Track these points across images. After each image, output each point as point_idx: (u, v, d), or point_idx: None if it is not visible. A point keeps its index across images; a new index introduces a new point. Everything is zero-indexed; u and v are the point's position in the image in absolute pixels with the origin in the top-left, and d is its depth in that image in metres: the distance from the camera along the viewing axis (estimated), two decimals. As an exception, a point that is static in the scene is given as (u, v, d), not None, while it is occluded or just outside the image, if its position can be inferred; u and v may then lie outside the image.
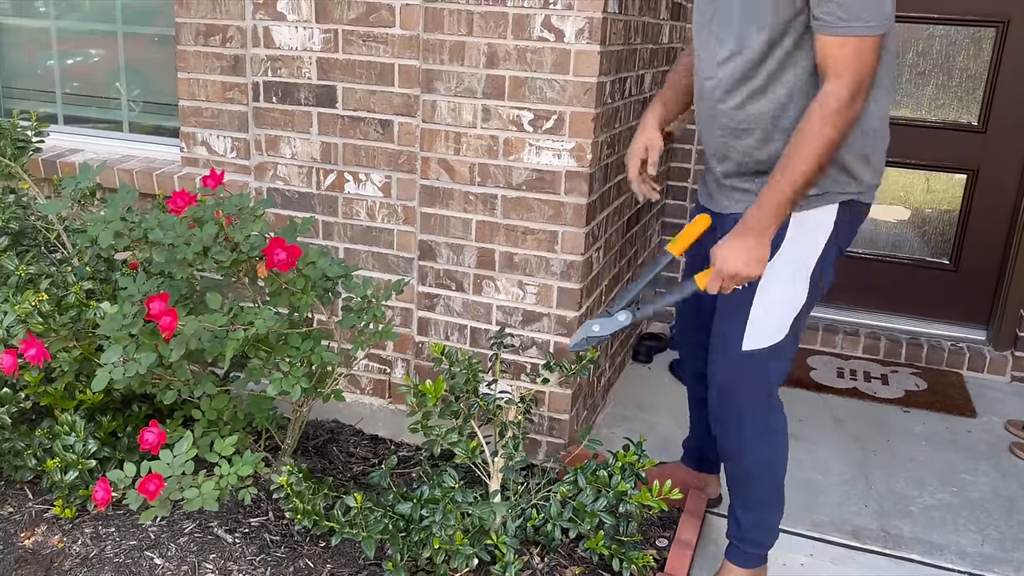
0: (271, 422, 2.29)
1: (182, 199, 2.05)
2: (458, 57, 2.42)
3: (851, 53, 1.62)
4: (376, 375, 2.79)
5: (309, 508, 1.93)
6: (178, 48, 2.76)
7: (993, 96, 3.34)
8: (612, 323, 1.89)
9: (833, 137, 1.65)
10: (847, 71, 1.63)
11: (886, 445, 2.85)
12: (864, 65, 1.63)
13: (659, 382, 3.25)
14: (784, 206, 1.71)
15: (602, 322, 1.90)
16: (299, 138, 2.66)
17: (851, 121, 1.66)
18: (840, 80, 1.64)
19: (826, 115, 1.64)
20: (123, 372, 1.84)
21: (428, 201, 2.56)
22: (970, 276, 3.52)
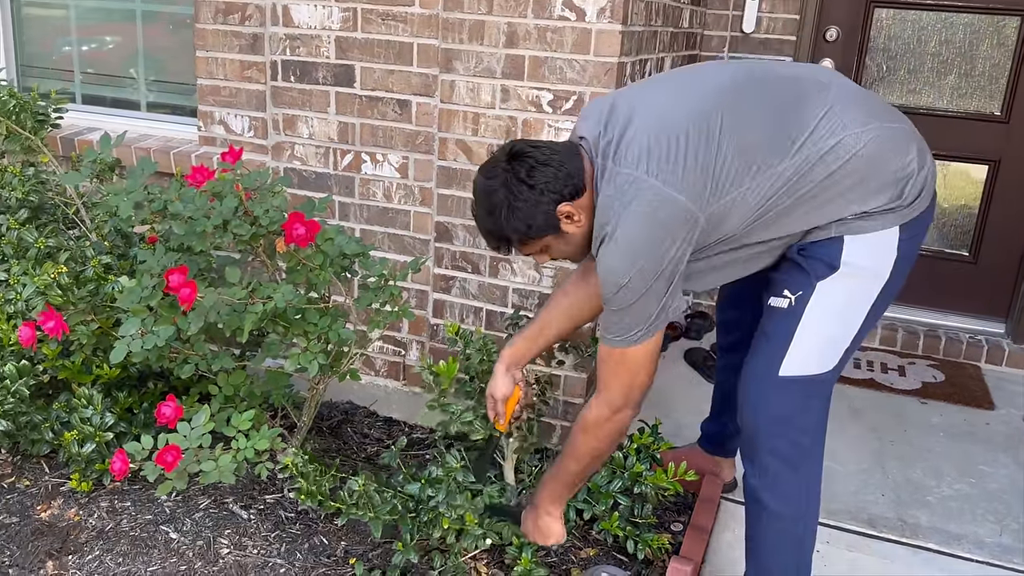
0: (287, 399, 2.29)
1: (201, 174, 2.04)
2: (477, 36, 2.41)
3: (613, 364, 1.71)
4: (391, 357, 2.78)
5: (314, 489, 1.92)
6: (197, 26, 2.76)
7: (1017, 86, 3.30)
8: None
9: (597, 447, 1.79)
10: (609, 384, 1.73)
11: (903, 436, 2.83)
12: (627, 379, 1.70)
13: (674, 370, 3.24)
14: (568, 487, 1.89)
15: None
16: (317, 118, 2.65)
17: (614, 432, 1.76)
18: (601, 394, 1.74)
19: (589, 429, 1.77)
20: (141, 345, 1.84)
21: (445, 182, 2.55)
22: (990, 268, 3.48)
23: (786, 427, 1.82)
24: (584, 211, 1.69)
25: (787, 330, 1.75)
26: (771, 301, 1.79)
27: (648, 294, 1.63)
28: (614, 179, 1.64)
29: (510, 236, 1.71)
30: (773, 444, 1.83)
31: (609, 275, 1.64)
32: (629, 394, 1.73)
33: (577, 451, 1.82)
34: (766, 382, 1.79)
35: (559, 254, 1.78)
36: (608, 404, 1.73)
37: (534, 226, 1.67)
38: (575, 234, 1.71)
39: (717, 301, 2.32)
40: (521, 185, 1.64)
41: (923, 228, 1.76)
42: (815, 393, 1.80)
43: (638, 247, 1.61)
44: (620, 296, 1.63)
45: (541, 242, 1.72)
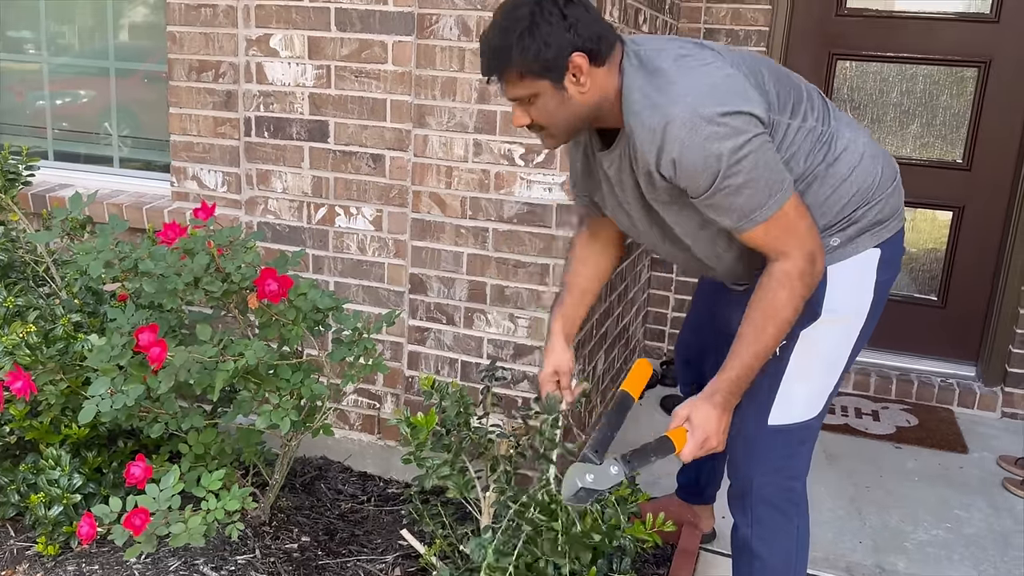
0: (259, 457, 2.26)
1: (173, 231, 2.04)
2: (450, 93, 2.44)
3: (779, 231, 1.56)
4: (365, 410, 2.76)
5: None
6: (170, 84, 2.77)
7: (977, 134, 3.40)
8: (606, 477, 1.65)
9: (799, 306, 1.60)
10: (788, 246, 1.57)
11: (879, 481, 2.84)
12: (801, 228, 1.57)
13: (650, 418, 3.23)
14: (755, 375, 1.65)
15: (595, 473, 1.66)
16: (290, 172, 2.67)
17: (815, 282, 1.60)
18: (788, 257, 1.57)
19: (792, 287, 1.57)
20: (110, 404, 1.82)
21: (419, 234, 2.56)
22: (958, 312, 3.54)
23: (778, 475, 1.83)
24: (593, 84, 1.55)
25: (773, 381, 1.75)
26: None
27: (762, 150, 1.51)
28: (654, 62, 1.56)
29: (513, 58, 1.52)
30: (766, 493, 1.83)
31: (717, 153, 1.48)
32: (815, 237, 1.58)
33: (780, 313, 1.58)
34: (756, 433, 1.80)
35: (542, 115, 1.59)
36: (803, 257, 1.56)
37: (542, 57, 1.50)
38: (572, 100, 1.56)
39: (676, 351, 2.34)
40: (554, 8, 1.51)
41: (898, 257, 1.78)
42: (804, 439, 1.82)
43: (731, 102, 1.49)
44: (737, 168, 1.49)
45: (537, 85, 1.54)
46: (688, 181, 1.53)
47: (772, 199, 1.53)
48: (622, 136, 1.62)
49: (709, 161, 1.48)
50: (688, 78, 1.53)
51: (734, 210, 1.54)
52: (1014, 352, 3.33)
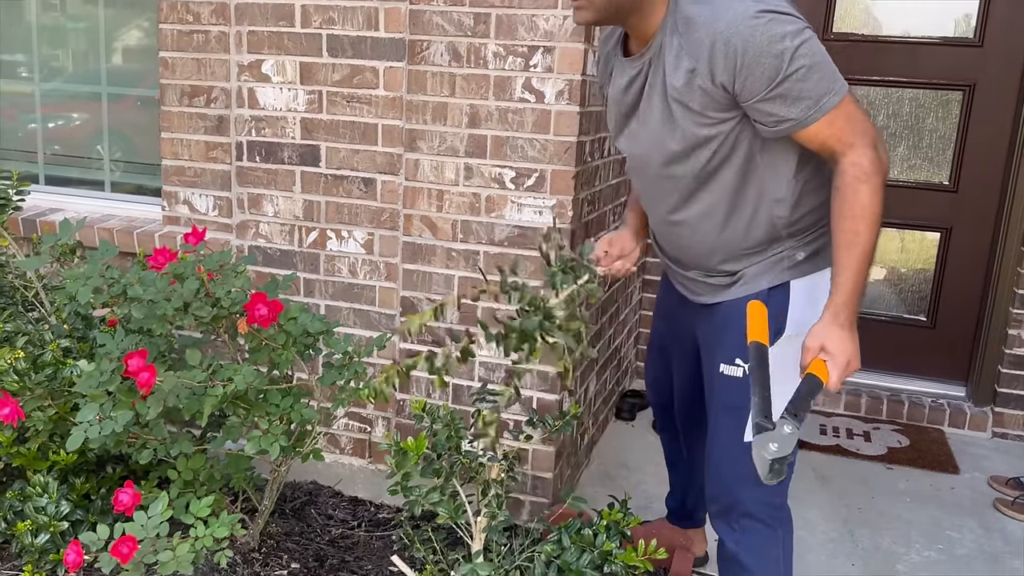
0: (248, 483, 2.24)
1: (163, 256, 2.04)
2: (441, 117, 2.46)
3: (844, 122, 1.57)
4: (356, 434, 2.75)
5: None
6: (162, 109, 2.78)
7: (963, 156, 3.43)
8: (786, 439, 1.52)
9: (883, 195, 1.58)
10: (854, 136, 1.57)
11: (871, 502, 2.84)
12: (861, 120, 1.58)
13: (643, 440, 3.23)
14: (866, 281, 1.61)
15: (776, 439, 1.53)
16: (282, 196, 2.67)
17: (887, 174, 1.59)
18: (855, 148, 1.57)
19: (870, 179, 1.56)
20: (99, 431, 1.81)
21: (410, 257, 2.57)
22: (948, 333, 3.55)
23: (760, 490, 1.82)
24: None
25: (746, 398, 1.76)
26: (723, 369, 1.81)
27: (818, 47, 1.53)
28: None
29: None
30: (750, 508, 1.84)
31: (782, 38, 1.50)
32: (872, 131, 1.58)
33: (868, 210, 1.56)
34: (734, 451, 1.81)
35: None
36: (872, 146, 1.56)
37: None
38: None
39: (646, 382, 2.34)
40: None
41: None
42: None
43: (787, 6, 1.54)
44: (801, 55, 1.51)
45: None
46: (754, 75, 1.52)
47: (837, 85, 1.55)
48: (653, 45, 1.64)
49: (775, 47, 1.50)
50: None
51: (803, 97, 1.53)
52: (1003, 372, 3.34)
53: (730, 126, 1.63)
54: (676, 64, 1.60)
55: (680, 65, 1.60)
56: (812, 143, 1.61)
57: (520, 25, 2.33)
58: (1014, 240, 3.32)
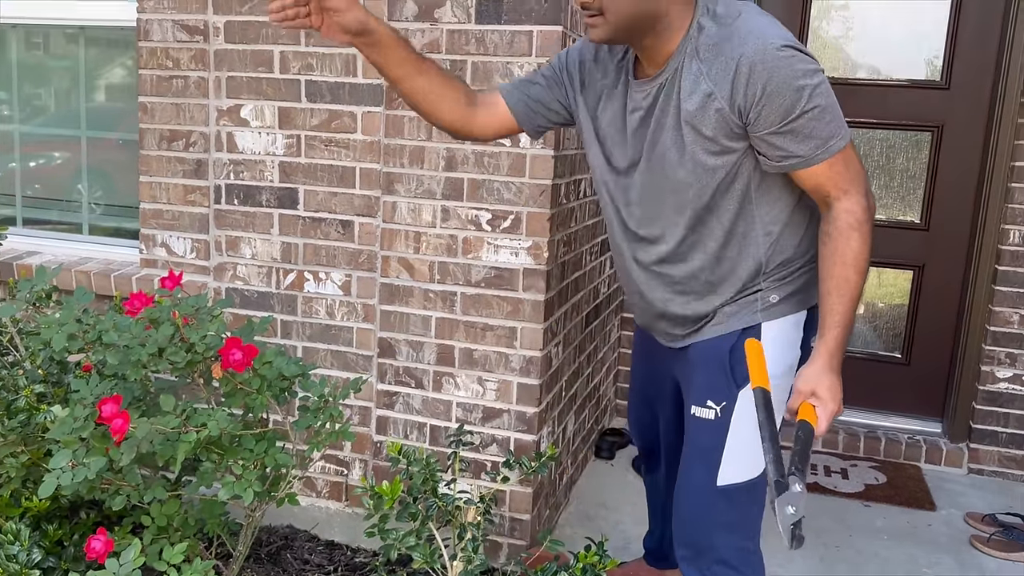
0: (223, 528, 2.22)
1: (139, 300, 2.04)
2: (418, 161, 2.49)
3: (843, 167, 1.60)
4: (333, 477, 2.74)
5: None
6: (141, 152, 2.80)
7: (933, 196, 3.50)
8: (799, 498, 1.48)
9: (872, 244, 1.63)
10: (850, 182, 1.61)
11: (848, 540, 2.84)
12: (857, 167, 1.63)
13: (622, 479, 3.23)
14: (852, 320, 1.65)
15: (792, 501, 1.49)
16: (260, 238, 2.69)
17: (872, 222, 1.64)
18: (850, 194, 1.61)
19: (862, 227, 1.60)
20: (72, 477, 1.79)
21: (388, 299, 2.58)
22: (922, 369, 3.59)
23: (732, 535, 1.83)
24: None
25: (718, 441, 1.78)
26: (695, 411, 1.82)
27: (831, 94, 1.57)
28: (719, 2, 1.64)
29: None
30: (721, 554, 1.83)
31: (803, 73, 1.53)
32: (866, 180, 1.64)
33: (860, 257, 1.61)
34: (706, 494, 1.81)
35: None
36: (865, 194, 1.62)
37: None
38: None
39: (629, 423, 2.35)
40: None
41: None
42: (754, 499, 1.83)
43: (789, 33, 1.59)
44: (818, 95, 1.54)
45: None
46: (772, 106, 1.54)
47: (843, 130, 1.59)
48: (668, 68, 1.64)
49: (796, 82, 1.53)
50: (765, 20, 1.61)
51: (813, 137, 1.56)
52: (977, 408, 3.38)
53: (735, 157, 1.65)
54: (693, 88, 1.61)
55: (698, 89, 1.60)
56: (808, 183, 1.64)
57: (496, 72, 2.37)
58: (984, 277, 3.37)
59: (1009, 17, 3.24)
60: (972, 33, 3.35)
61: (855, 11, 3.50)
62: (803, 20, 3.51)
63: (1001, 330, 3.32)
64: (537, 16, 2.32)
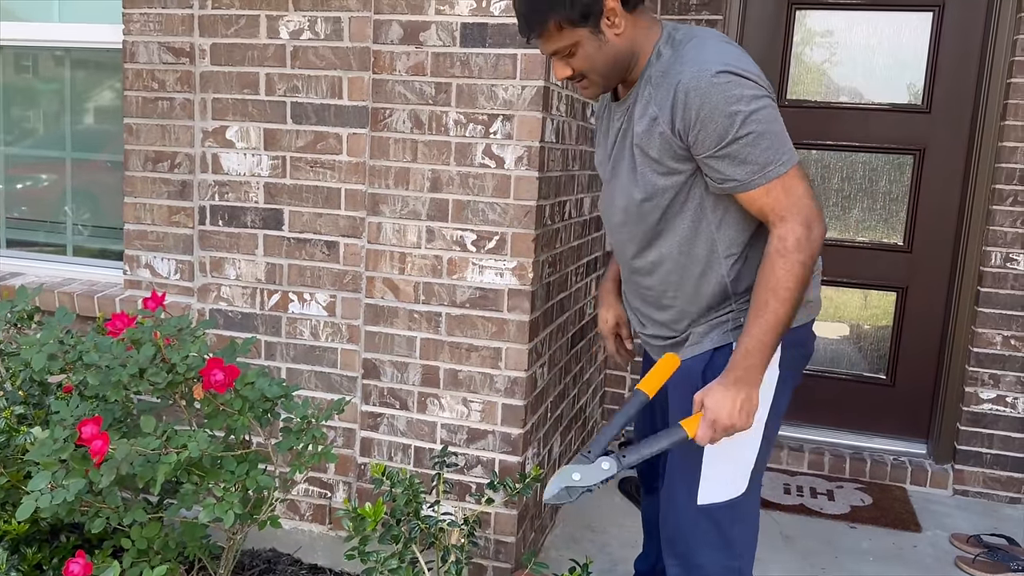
0: (204, 551, 2.20)
1: (121, 321, 2.03)
2: (403, 182, 2.50)
3: (781, 193, 1.62)
4: (316, 500, 2.72)
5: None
6: (126, 174, 2.80)
7: (916, 218, 3.53)
8: (595, 471, 1.59)
9: (801, 273, 1.62)
10: (787, 210, 1.62)
11: (835, 562, 2.84)
12: (800, 195, 1.62)
13: (609, 502, 3.22)
14: (769, 350, 1.66)
15: (583, 469, 1.60)
16: (244, 259, 2.68)
17: (815, 252, 1.64)
18: (785, 222, 1.62)
19: (788, 255, 1.62)
20: (50, 499, 1.78)
21: (373, 319, 2.58)
22: (907, 391, 3.61)
23: (718, 553, 1.83)
24: (626, 27, 1.67)
25: (695, 461, 1.80)
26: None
27: (774, 112, 1.61)
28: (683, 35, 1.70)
29: (552, 12, 1.63)
30: (708, 571, 1.84)
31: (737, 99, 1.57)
32: (814, 205, 1.63)
33: (780, 284, 1.61)
34: (689, 512, 1.82)
35: (582, 62, 1.69)
36: (803, 224, 1.61)
37: (579, 3, 1.62)
38: (611, 42, 1.67)
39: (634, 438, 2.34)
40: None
41: (808, 338, 1.86)
42: (738, 517, 1.83)
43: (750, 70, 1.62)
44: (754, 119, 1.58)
45: (576, 33, 1.65)
46: (706, 131, 1.60)
47: (784, 156, 1.62)
48: (631, 93, 1.75)
49: (729, 107, 1.57)
50: (713, 45, 1.65)
51: (749, 162, 1.60)
52: (961, 429, 3.39)
53: (684, 178, 1.71)
54: (643, 112, 1.70)
55: (646, 113, 1.69)
56: (752, 207, 1.67)
57: (480, 94, 2.39)
58: (967, 299, 3.40)
59: (988, 42, 3.29)
60: (952, 57, 3.40)
61: (838, 36, 3.55)
62: (786, 45, 3.56)
63: (984, 351, 3.34)
64: (521, 40, 2.34)
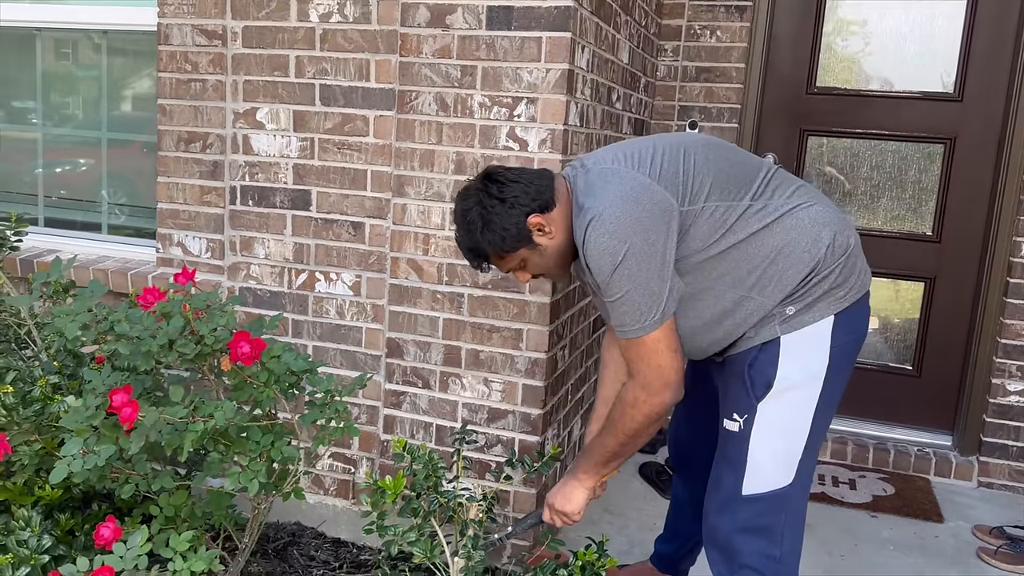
0: (230, 520, 2.26)
1: (152, 295, 2.09)
2: (428, 164, 2.53)
3: (634, 354, 1.76)
4: (340, 475, 2.78)
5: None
6: (159, 154, 2.87)
7: (945, 207, 3.50)
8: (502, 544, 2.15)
9: (637, 427, 1.81)
10: (636, 372, 1.77)
11: (854, 550, 2.84)
12: (647, 360, 1.74)
13: (627, 486, 3.24)
14: (603, 464, 1.94)
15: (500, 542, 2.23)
16: (273, 239, 2.74)
17: (652, 413, 1.78)
18: (633, 379, 1.79)
19: (627, 409, 1.80)
20: (82, 465, 1.84)
21: (397, 299, 2.62)
22: (933, 382, 3.58)
23: (757, 541, 1.86)
24: (556, 225, 1.80)
25: (741, 452, 1.84)
26: (725, 424, 1.88)
27: (648, 275, 1.68)
28: (589, 175, 1.78)
29: (487, 250, 1.82)
30: (746, 559, 1.87)
31: (602, 257, 1.69)
32: (662, 378, 1.75)
33: (615, 427, 1.85)
34: (732, 502, 1.86)
35: (537, 268, 1.88)
36: (643, 387, 1.76)
37: (508, 238, 1.79)
38: (549, 247, 1.82)
39: (671, 418, 2.36)
40: (493, 200, 1.79)
41: (860, 323, 1.84)
42: (782, 507, 1.85)
43: (626, 224, 1.68)
44: (617, 279, 1.69)
45: (517, 256, 1.83)
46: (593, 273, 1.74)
47: (638, 324, 1.71)
48: None
49: (598, 261, 1.70)
50: (604, 192, 1.73)
51: (614, 317, 1.76)
52: (987, 421, 3.36)
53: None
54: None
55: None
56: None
57: (505, 77, 2.41)
58: (996, 290, 3.36)
59: (1023, 30, 3.24)
60: (986, 46, 3.35)
61: (870, 26, 3.52)
62: (816, 33, 3.53)
63: (1012, 343, 3.31)
64: (546, 23, 2.36)
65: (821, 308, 1.77)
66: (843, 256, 1.77)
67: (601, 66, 2.72)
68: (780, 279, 1.75)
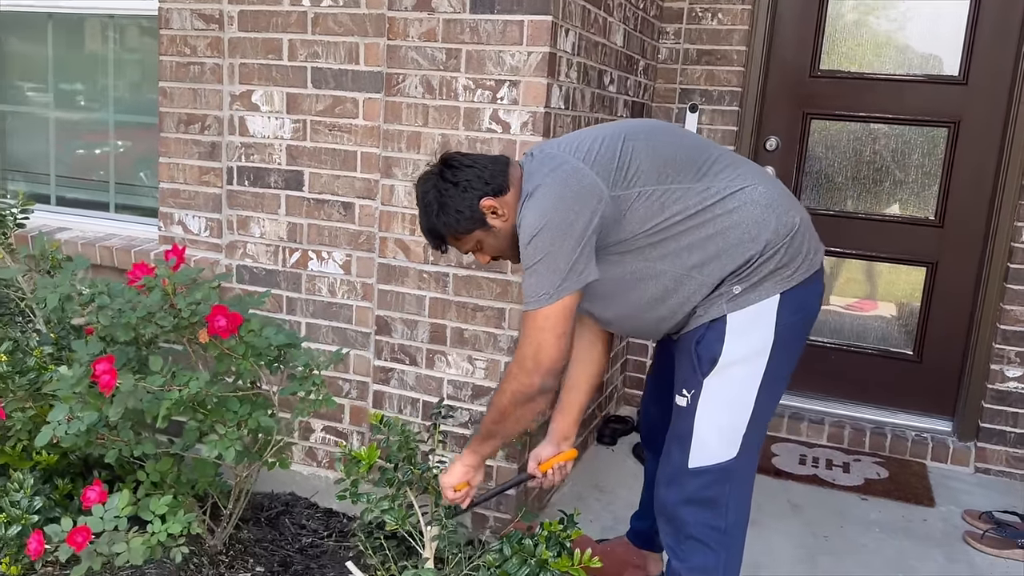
0: (215, 487, 2.35)
1: (141, 270, 2.18)
2: (414, 146, 2.58)
3: (523, 328, 1.82)
4: (332, 448, 2.86)
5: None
6: (161, 135, 2.96)
7: (948, 192, 3.46)
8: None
9: (502, 402, 1.87)
10: (520, 346, 1.83)
11: (839, 531, 2.85)
12: (532, 339, 1.79)
13: (621, 464, 3.28)
14: (480, 440, 1.98)
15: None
16: (268, 218, 2.82)
17: (519, 392, 1.83)
18: (517, 351, 1.84)
19: (504, 383, 1.86)
20: (66, 430, 1.94)
21: (385, 278, 2.69)
22: (933, 367, 3.56)
23: (703, 513, 1.91)
24: (509, 208, 1.86)
25: (688, 426, 1.89)
26: (676, 399, 1.93)
27: (556, 251, 1.74)
28: (533, 161, 1.86)
29: (443, 231, 1.89)
30: (691, 530, 1.92)
31: (524, 230, 1.78)
32: (536, 357, 1.80)
33: (491, 402, 1.94)
34: (681, 475, 1.91)
35: (493, 250, 1.94)
36: (518, 362, 1.83)
37: (462, 220, 1.86)
38: (503, 229, 1.88)
39: (641, 400, 2.40)
40: (447, 184, 1.86)
41: (809, 301, 1.88)
42: (727, 479, 1.89)
43: (550, 204, 1.76)
44: (531, 249, 1.76)
45: (472, 237, 1.90)
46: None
47: (535, 299, 1.77)
48: None
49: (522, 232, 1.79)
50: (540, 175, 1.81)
51: (523, 289, 1.81)
52: (986, 407, 3.34)
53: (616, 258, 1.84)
54: None
55: None
56: None
57: (488, 60, 2.45)
58: (997, 275, 3.33)
59: (1026, 11, 3.20)
60: (991, 30, 3.31)
61: (876, 9, 3.49)
62: (820, 16, 3.51)
63: (1012, 328, 3.28)
64: (528, 6, 2.39)
65: (767, 287, 1.79)
66: (787, 237, 1.79)
67: (590, 49, 2.74)
68: (720, 259, 1.79)
